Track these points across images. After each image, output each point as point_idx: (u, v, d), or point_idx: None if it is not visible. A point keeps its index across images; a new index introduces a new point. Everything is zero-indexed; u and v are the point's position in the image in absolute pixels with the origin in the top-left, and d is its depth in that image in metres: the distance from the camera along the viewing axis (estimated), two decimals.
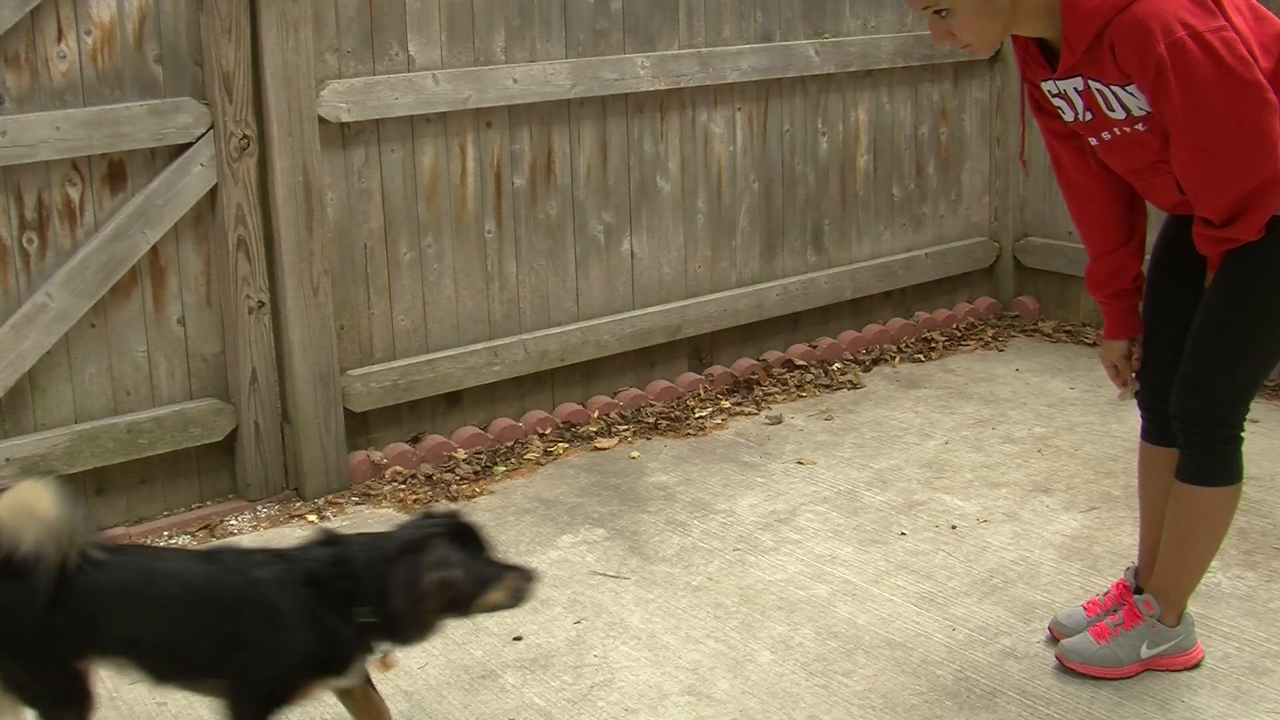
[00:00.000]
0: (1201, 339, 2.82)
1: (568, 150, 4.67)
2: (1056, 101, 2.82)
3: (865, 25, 5.39)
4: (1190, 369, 2.85)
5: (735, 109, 5.08)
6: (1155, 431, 3.07)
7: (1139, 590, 3.14)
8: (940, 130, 5.75)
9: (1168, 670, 3.04)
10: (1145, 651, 3.01)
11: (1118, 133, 2.75)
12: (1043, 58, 2.79)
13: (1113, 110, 2.71)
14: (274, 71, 3.94)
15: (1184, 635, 3.04)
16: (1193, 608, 3.29)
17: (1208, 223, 2.70)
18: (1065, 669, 3.06)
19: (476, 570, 2.45)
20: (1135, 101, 2.67)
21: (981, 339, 5.73)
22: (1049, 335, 5.76)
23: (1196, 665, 3.06)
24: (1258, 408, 4.63)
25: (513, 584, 2.50)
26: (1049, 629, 3.23)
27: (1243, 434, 2.90)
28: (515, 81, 4.45)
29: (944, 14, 2.64)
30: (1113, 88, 2.67)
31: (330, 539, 2.52)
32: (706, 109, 5.00)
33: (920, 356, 5.52)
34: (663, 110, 4.89)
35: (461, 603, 2.44)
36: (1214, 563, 3.58)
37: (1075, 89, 2.74)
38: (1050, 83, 2.79)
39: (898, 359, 5.49)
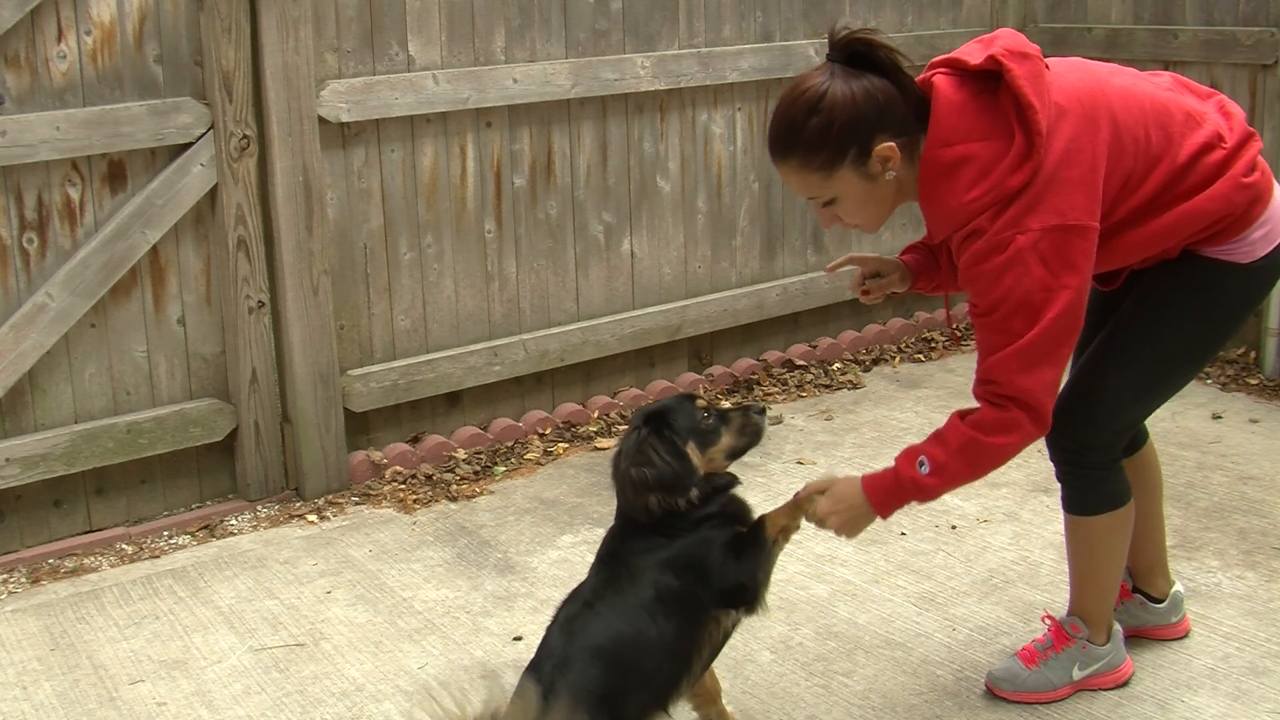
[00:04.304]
0: (1094, 365, 2.78)
1: (568, 150, 4.67)
2: None
3: (865, 25, 5.38)
4: (1075, 392, 2.79)
5: (735, 109, 5.08)
6: None
7: (1136, 589, 3.14)
8: None
9: (1099, 690, 2.98)
10: (1077, 673, 2.96)
11: None
12: None
13: None
14: (274, 71, 3.94)
15: (1114, 653, 2.99)
16: (1193, 608, 3.29)
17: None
18: (996, 698, 2.98)
19: (675, 447, 2.53)
20: None
21: None
22: None
23: (1127, 682, 3.01)
24: (1258, 407, 4.63)
25: (737, 424, 2.59)
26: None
27: (1119, 460, 2.84)
28: (515, 81, 4.45)
29: (831, 203, 2.58)
30: None
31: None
32: (706, 109, 5.00)
33: (920, 356, 5.52)
34: (663, 110, 4.88)
35: (674, 479, 2.50)
36: (1214, 563, 3.59)
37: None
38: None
39: (898, 359, 5.49)
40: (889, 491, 2.59)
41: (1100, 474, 2.82)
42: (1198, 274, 2.67)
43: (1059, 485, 2.90)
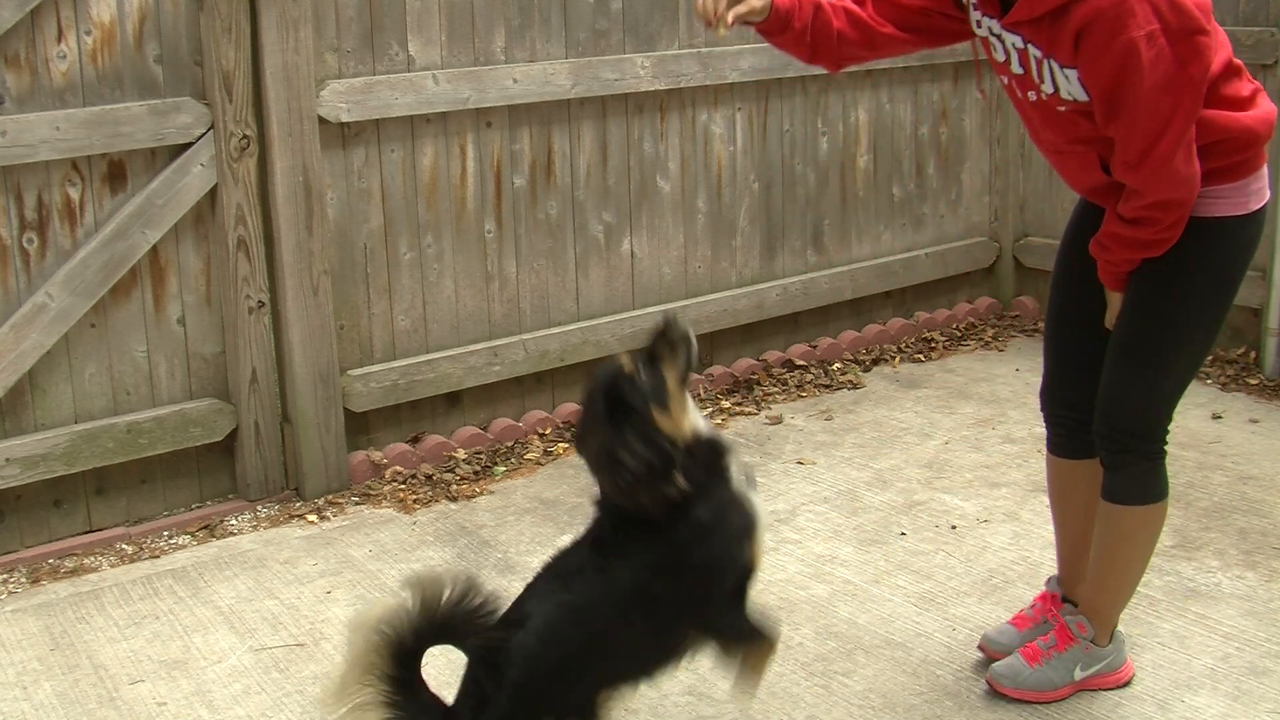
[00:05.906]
0: (1120, 354, 2.78)
1: (568, 150, 4.67)
2: (991, 37, 2.69)
3: None
4: (1111, 385, 2.80)
5: (735, 109, 5.08)
6: (1064, 445, 3.03)
7: (1065, 598, 3.11)
8: (940, 130, 5.74)
9: (1100, 690, 2.99)
10: (1079, 674, 2.97)
11: (1042, 98, 2.65)
12: None
13: (1043, 81, 2.61)
14: (274, 71, 3.94)
15: (1115, 654, 3.00)
16: (1193, 608, 3.29)
17: (1122, 226, 2.66)
18: (997, 694, 2.99)
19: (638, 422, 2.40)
20: (1069, 87, 2.57)
21: (981, 339, 5.73)
22: None
23: (1128, 683, 3.01)
24: (1257, 407, 4.63)
25: (666, 352, 2.47)
26: (980, 647, 3.16)
27: (1166, 448, 2.85)
28: (515, 81, 4.45)
29: None
30: (1051, 63, 2.56)
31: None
32: (706, 109, 5.00)
33: (920, 356, 5.52)
34: (663, 110, 4.89)
35: (656, 471, 2.39)
36: (1214, 563, 3.59)
37: (1014, 45, 2.62)
38: (992, 22, 2.65)
39: (898, 359, 5.49)
40: (1111, 277, 2.77)
41: (1148, 464, 2.83)
42: (1193, 236, 2.67)
43: (1104, 473, 2.87)
